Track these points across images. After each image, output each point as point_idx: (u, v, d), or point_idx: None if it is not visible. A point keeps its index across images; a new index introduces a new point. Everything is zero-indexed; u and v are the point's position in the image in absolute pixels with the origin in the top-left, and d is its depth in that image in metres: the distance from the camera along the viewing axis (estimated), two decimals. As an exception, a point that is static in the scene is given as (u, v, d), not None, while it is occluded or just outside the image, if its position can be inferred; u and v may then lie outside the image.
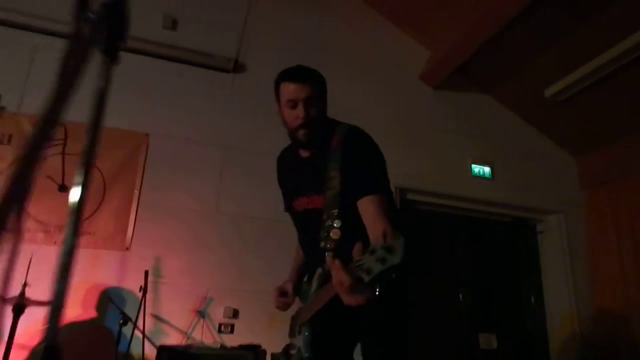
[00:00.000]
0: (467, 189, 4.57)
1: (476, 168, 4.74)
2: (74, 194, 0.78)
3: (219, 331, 3.47)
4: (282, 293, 1.98)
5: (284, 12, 4.48)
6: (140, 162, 3.68)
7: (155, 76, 3.94)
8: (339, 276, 1.15)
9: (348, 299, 1.16)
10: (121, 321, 2.85)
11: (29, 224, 3.34)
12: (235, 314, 3.55)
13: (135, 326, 2.89)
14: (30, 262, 2.75)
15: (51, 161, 3.49)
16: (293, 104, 1.69)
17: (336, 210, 1.52)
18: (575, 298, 4.47)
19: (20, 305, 2.50)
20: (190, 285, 3.52)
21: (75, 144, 3.53)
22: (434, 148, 4.55)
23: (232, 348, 2.86)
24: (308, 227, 1.77)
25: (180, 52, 4.01)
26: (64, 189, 3.48)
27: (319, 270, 1.68)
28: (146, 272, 3.10)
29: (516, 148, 4.87)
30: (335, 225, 1.50)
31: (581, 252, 4.64)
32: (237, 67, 4.14)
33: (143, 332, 2.97)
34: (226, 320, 3.52)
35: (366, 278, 1.09)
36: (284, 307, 1.96)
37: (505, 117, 4.96)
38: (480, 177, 4.71)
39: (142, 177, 3.65)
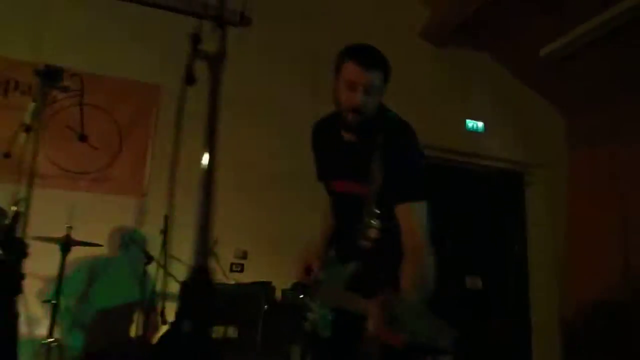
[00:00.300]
0: (461, 142, 4.84)
1: (470, 123, 4.98)
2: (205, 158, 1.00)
3: (231, 270, 3.80)
4: (307, 270, 1.87)
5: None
6: (153, 113, 3.87)
7: (162, 28, 4.04)
8: (379, 323, 1.19)
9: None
10: (146, 261, 3.15)
11: (52, 171, 3.56)
12: (245, 255, 3.87)
13: (162, 265, 3.21)
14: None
15: (70, 111, 3.67)
16: (353, 86, 1.62)
17: (377, 210, 1.51)
18: (555, 247, 4.87)
19: (67, 245, 2.80)
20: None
21: (91, 95, 3.70)
22: (431, 104, 4.75)
23: (246, 284, 3.19)
24: (345, 210, 1.77)
25: (186, 4, 4.09)
26: (84, 138, 3.69)
27: (353, 265, 1.65)
28: (166, 216, 3.37)
29: (509, 105, 5.10)
30: (374, 224, 1.50)
31: (564, 206, 4.99)
32: (244, 21, 4.24)
33: (165, 269, 3.29)
34: (236, 261, 3.85)
35: (407, 339, 1.12)
36: (308, 283, 1.86)
37: (501, 75, 5.14)
38: (474, 132, 4.96)
39: (155, 127, 3.85)
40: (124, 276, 3.57)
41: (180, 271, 3.57)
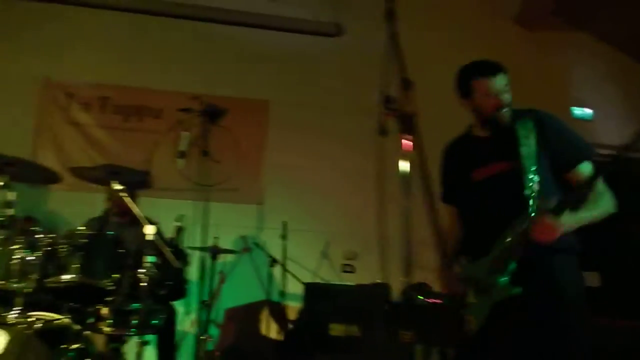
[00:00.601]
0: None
1: (577, 110, 4.76)
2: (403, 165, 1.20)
3: (343, 271, 4.01)
4: (452, 283, 2.05)
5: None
6: (264, 126, 4.18)
7: (265, 48, 4.34)
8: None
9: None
10: (270, 264, 3.44)
11: (181, 183, 3.98)
12: (355, 256, 4.06)
13: (284, 268, 3.49)
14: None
15: (193, 131, 4.07)
16: (491, 94, 1.88)
17: (534, 167, 1.77)
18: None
19: (215, 252, 3.15)
20: (313, 232, 4.04)
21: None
22: (533, 92, 4.60)
23: (365, 285, 3.37)
24: (489, 194, 1.91)
25: (284, 21, 4.35)
26: (206, 153, 4.08)
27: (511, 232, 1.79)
28: (284, 222, 3.65)
29: (620, 88, 4.80)
30: (534, 179, 1.77)
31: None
32: (338, 31, 4.42)
33: (288, 271, 3.56)
34: (347, 261, 4.05)
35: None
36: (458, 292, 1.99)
37: (605, 54, 4.85)
38: (581, 120, 4.74)
39: (267, 139, 4.16)
40: (249, 277, 3.91)
41: (299, 273, 3.84)
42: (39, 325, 1.95)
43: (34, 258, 2.06)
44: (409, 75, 1.72)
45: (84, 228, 2.27)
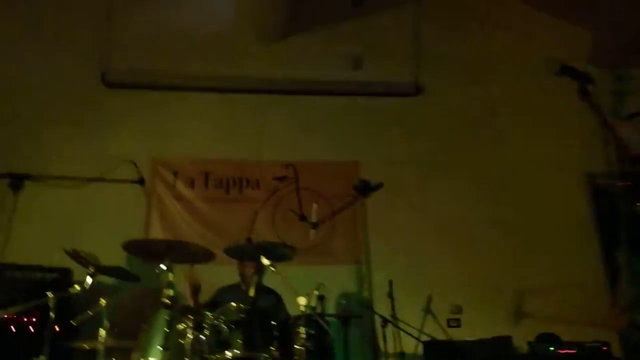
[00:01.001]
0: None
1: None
2: None
3: (448, 326, 3.97)
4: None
5: (450, 28, 4.82)
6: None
7: (341, 111, 4.57)
8: None
9: None
10: (383, 323, 3.46)
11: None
12: (460, 310, 4.02)
13: (396, 326, 3.50)
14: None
15: (289, 197, 4.27)
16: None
17: None
18: None
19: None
20: (415, 287, 4.05)
21: (305, 179, 4.28)
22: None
23: (486, 339, 3.32)
24: None
25: (367, 86, 4.59)
26: (303, 218, 4.24)
27: None
28: (390, 282, 3.70)
29: None
30: None
31: None
32: (418, 90, 4.61)
33: (403, 330, 3.56)
34: (453, 316, 4.01)
35: None
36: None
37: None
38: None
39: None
40: (356, 339, 3.92)
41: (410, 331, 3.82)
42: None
43: (203, 337, 2.19)
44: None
45: (235, 305, 2.39)
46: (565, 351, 2.93)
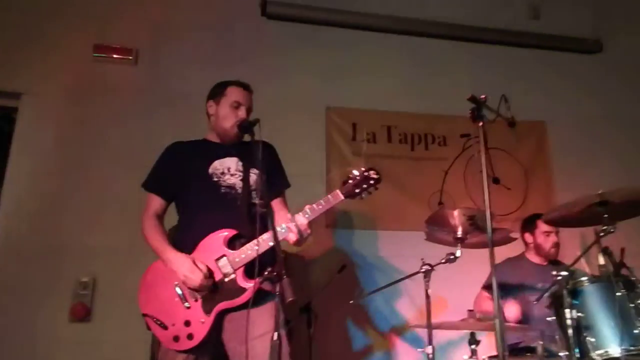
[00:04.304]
0: None
1: None
2: None
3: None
4: None
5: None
6: (546, 149, 3.99)
7: (521, 65, 4.17)
8: None
9: None
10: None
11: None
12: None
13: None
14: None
15: (478, 157, 3.85)
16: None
17: None
18: None
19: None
20: None
21: (493, 138, 3.87)
22: None
23: None
24: None
25: (545, 39, 4.21)
26: (497, 180, 3.87)
27: None
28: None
29: None
30: None
31: None
32: (597, 47, 4.29)
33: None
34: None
35: None
36: None
37: None
38: None
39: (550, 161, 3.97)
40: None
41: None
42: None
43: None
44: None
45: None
46: None
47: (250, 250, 1.83)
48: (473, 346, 2.08)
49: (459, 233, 2.29)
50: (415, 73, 3.92)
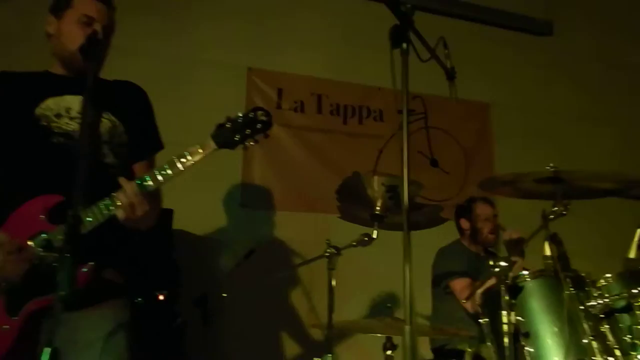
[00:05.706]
0: None
1: None
2: None
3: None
4: None
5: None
6: (489, 133, 3.69)
7: (467, 40, 3.84)
8: None
9: None
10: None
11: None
12: None
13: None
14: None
15: (417, 136, 3.48)
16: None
17: None
18: None
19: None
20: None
21: (435, 117, 3.53)
22: None
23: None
24: None
25: (493, 14, 3.90)
26: (435, 162, 3.52)
27: None
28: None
29: None
30: None
31: None
32: (547, 29, 4.03)
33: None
34: None
35: None
36: None
37: None
38: None
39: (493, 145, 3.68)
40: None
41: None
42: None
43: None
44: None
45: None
46: None
47: None
48: (389, 352, 1.69)
49: (377, 208, 1.82)
50: (352, 39, 3.47)
